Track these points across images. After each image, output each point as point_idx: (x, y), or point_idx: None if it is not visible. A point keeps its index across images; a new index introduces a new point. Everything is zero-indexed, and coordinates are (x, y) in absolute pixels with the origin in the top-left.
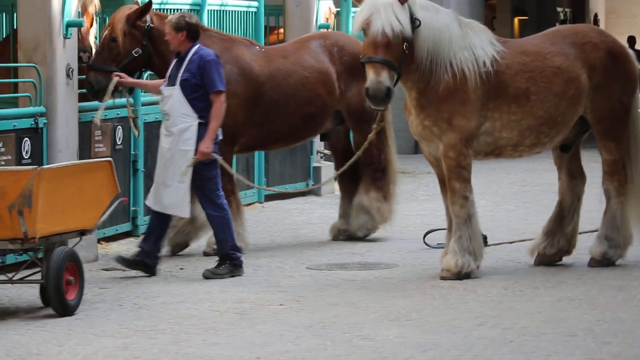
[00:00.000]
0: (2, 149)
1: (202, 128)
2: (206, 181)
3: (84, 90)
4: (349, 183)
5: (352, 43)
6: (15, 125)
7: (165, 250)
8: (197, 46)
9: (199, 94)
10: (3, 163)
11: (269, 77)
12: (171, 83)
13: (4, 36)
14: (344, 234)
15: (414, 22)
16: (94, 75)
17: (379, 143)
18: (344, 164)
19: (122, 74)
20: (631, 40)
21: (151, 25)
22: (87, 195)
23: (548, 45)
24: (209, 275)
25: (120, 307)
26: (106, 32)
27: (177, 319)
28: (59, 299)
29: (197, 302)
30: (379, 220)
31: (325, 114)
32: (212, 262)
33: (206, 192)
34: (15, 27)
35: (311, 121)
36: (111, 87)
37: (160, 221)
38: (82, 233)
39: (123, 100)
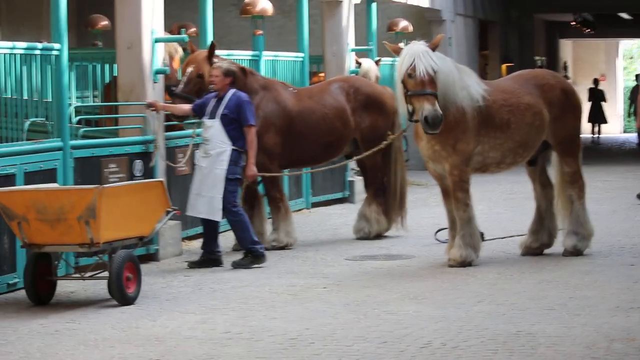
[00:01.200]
0: (117, 169)
1: (234, 152)
2: (228, 193)
3: (171, 122)
4: (373, 192)
5: (366, 85)
6: (127, 150)
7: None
8: (233, 90)
9: (233, 127)
10: (118, 179)
11: (298, 113)
12: (212, 117)
13: (107, 81)
14: (362, 232)
15: None
16: (180, 102)
17: (385, 169)
18: (370, 177)
19: (153, 103)
20: (595, 81)
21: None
22: (143, 209)
23: (517, 86)
24: (236, 266)
25: (199, 290)
26: (191, 69)
27: (243, 299)
28: (120, 292)
29: (259, 286)
30: (376, 228)
31: (341, 142)
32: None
33: (225, 203)
34: (115, 74)
35: (330, 148)
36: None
37: (209, 224)
38: (140, 239)
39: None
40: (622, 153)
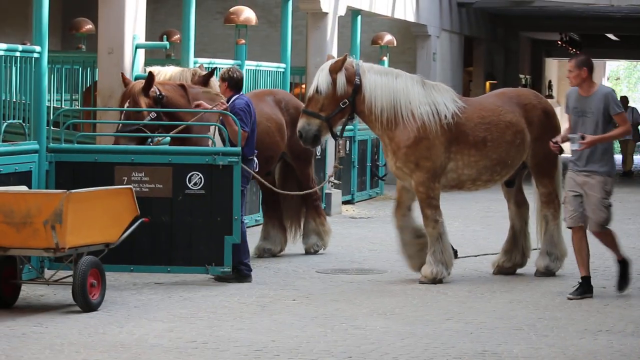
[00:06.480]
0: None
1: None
2: None
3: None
4: (272, 211)
5: (293, 99)
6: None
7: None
8: (235, 96)
9: None
10: (148, 190)
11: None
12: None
13: (87, 86)
14: (268, 253)
15: (354, 83)
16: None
17: (312, 175)
18: (272, 196)
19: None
20: (624, 99)
21: (162, 94)
22: (110, 215)
23: (500, 103)
24: (219, 279)
25: (169, 298)
26: (127, 104)
27: (212, 308)
28: (84, 298)
29: (228, 296)
30: (327, 239)
31: (277, 156)
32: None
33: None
34: (95, 80)
35: (267, 162)
36: None
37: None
38: (106, 245)
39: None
40: None
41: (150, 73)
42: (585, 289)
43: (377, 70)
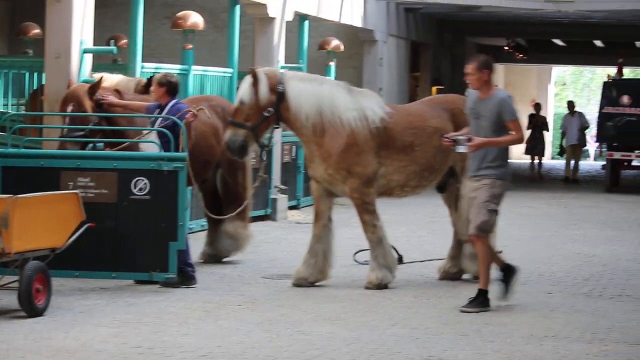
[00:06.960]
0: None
1: None
2: None
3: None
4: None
5: (230, 106)
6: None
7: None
8: (174, 100)
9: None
10: (94, 195)
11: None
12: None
13: (34, 89)
14: (213, 258)
15: (277, 91)
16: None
17: (241, 181)
18: (213, 202)
19: (106, 99)
20: (537, 106)
21: (102, 98)
22: (56, 220)
23: (428, 109)
24: (164, 284)
25: (114, 303)
26: (71, 107)
27: (157, 313)
28: (29, 304)
29: (174, 301)
30: (243, 243)
31: (213, 162)
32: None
33: None
34: (42, 83)
35: (204, 167)
36: None
37: None
38: (52, 250)
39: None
40: (548, 180)
41: (101, 77)
42: (507, 278)
43: (301, 78)
